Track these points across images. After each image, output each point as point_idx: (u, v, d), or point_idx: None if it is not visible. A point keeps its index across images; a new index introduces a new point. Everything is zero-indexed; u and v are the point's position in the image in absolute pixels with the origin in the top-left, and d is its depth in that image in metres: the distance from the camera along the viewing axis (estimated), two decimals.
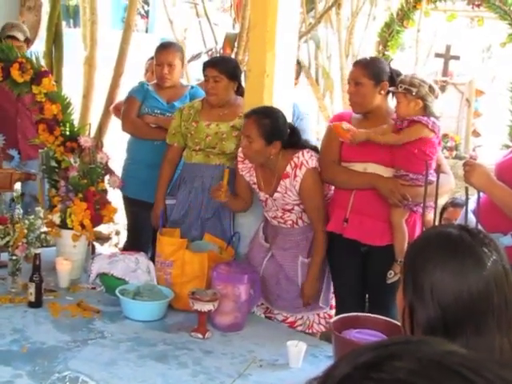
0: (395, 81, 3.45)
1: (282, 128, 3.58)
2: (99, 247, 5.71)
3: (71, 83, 6.81)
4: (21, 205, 3.83)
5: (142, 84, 4.61)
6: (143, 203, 4.41)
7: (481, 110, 8.31)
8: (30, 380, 2.63)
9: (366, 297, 3.74)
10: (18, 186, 4.51)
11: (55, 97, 4.01)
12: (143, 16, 17.16)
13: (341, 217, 3.55)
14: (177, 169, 4.24)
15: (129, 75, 6.59)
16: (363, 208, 3.49)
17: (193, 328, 3.21)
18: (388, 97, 3.59)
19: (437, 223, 3.65)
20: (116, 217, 4.10)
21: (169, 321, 3.37)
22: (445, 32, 10.86)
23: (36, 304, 3.34)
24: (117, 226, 6.36)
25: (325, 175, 3.60)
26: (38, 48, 6.01)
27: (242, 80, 4.17)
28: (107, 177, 4.03)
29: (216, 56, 6.96)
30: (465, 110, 7.76)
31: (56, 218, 3.76)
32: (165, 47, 4.53)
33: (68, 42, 6.79)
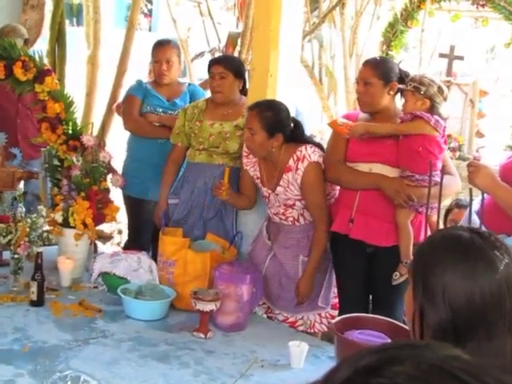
0: (404, 81, 3.44)
1: (285, 121, 3.58)
2: (101, 246, 5.70)
3: (74, 82, 6.79)
4: (23, 203, 3.82)
5: (140, 82, 4.58)
6: (144, 202, 4.40)
7: (484, 111, 8.31)
8: (32, 379, 2.63)
9: (370, 298, 3.72)
10: (21, 185, 4.50)
11: (58, 95, 4.01)
12: (146, 15, 17.18)
13: (346, 217, 3.53)
14: (180, 168, 4.23)
15: (132, 74, 6.59)
16: (369, 208, 3.48)
17: (195, 328, 3.20)
18: (396, 97, 3.58)
19: (441, 224, 3.64)
20: (118, 216, 4.10)
21: (171, 320, 3.36)
22: (449, 32, 10.85)
23: (38, 303, 3.34)
24: (119, 225, 6.36)
25: (330, 175, 3.58)
26: (41, 46, 6.00)
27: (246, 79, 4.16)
28: (110, 176, 4.02)
29: (221, 55, 6.96)
30: (468, 111, 7.75)
31: (58, 217, 3.75)
32: (162, 44, 4.51)
33: (71, 41, 6.78)
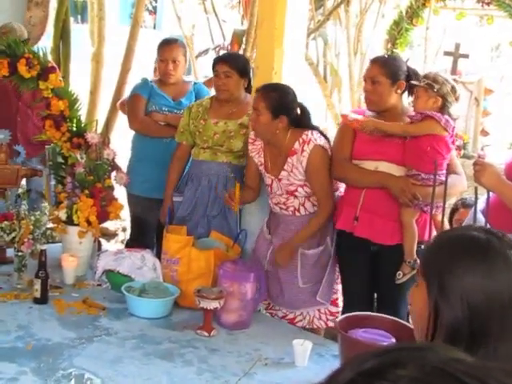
0: (411, 79, 3.42)
1: (290, 104, 3.57)
2: (105, 244, 5.71)
3: (78, 79, 6.81)
4: (27, 201, 3.81)
5: (146, 81, 4.55)
6: (149, 200, 4.39)
7: (489, 109, 8.28)
8: (35, 377, 2.62)
9: (375, 296, 3.71)
10: (22, 182, 4.50)
11: (62, 93, 4.01)
12: (151, 12, 17.19)
13: (351, 215, 3.52)
14: (186, 166, 4.23)
15: (136, 71, 6.59)
16: (373, 207, 3.47)
17: (198, 326, 3.19)
18: (403, 96, 3.56)
19: (446, 223, 3.62)
20: (122, 213, 4.10)
21: (174, 318, 3.35)
22: (454, 30, 10.83)
23: (41, 300, 3.33)
24: (123, 223, 6.36)
25: (336, 172, 3.58)
26: (46, 44, 6.00)
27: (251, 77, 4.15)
28: (114, 173, 4.01)
29: (226, 52, 6.94)
30: (473, 109, 7.73)
31: (62, 215, 3.75)
32: (169, 43, 4.46)
33: (75, 38, 6.80)
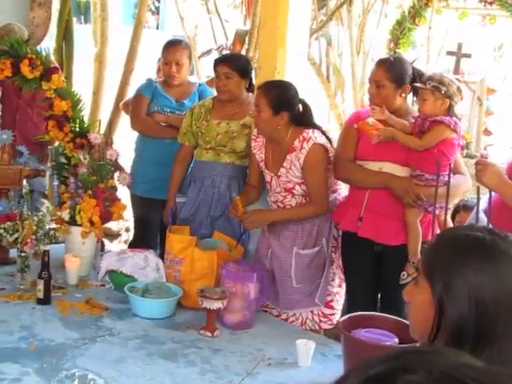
0: (416, 80, 3.40)
1: (291, 100, 3.57)
2: (108, 244, 5.70)
3: (81, 80, 6.80)
4: (30, 201, 3.82)
5: (151, 81, 4.55)
6: (152, 201, 4.39)
7: (492, 109, 8.28)
8: (38, 377, 2.62)
9: (379, 296, 3.71)
10: (24, 182, 4.50)
11: (65, 93, 4.01)
12: (154, 13, 17.20)
13: (355, 215, 3.52)
14: (188, 167, 4.23)
15: (139, 72, 6.59)
16: (378, 207, 3.46)
17: (201, 326, 3.19)
18: (408, 96, 3.55)
19: (450, 224, 3.61)
20: (125, 214, 4.10)
21: (177, 319, 3.35)
22: (456, 30, 10.82)
23: (44, 301, 3.34)
24: (126, 223, 6.37)
25: (340, 173, 3.58)
26: (49, 44, 6.01)
27: (253, 77, 4.15)
28: (117, 173, 4.02)
29: (227, 53, 6.94)
30: (476, 109, 7.74)
31: (65, 215, 3.75)
32: (173, 45, 4.45)
33: (78, 39, 6.79)
